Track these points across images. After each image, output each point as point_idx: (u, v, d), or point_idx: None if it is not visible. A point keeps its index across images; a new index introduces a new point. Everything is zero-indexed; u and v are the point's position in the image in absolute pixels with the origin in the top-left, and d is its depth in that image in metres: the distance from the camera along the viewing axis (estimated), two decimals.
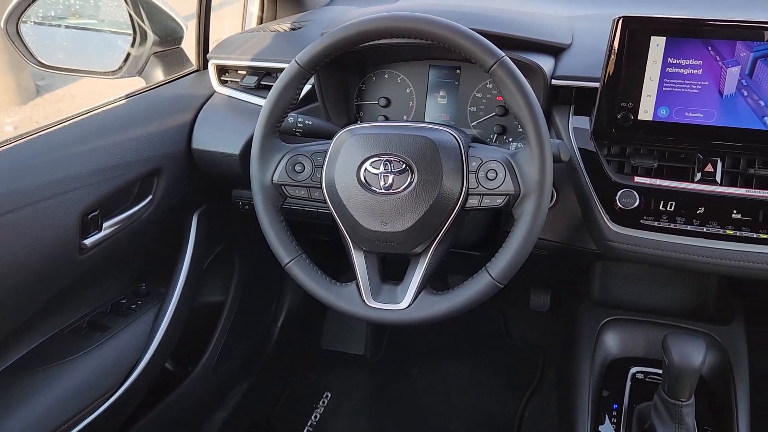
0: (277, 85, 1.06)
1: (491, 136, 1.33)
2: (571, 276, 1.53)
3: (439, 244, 1.03)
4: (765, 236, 1.05)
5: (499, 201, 0.99)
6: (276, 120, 1.08)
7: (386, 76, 1.40)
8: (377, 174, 1.00)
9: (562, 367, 1.49)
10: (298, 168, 1.07)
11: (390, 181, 1.00)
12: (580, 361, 1.29)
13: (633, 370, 1.28)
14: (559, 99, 1.21)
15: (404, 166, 0.99)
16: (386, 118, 1.40)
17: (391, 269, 1.11)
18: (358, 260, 1.07)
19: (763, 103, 1.04)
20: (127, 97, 1.37)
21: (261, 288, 1.89)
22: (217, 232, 1.62)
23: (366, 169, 1.01)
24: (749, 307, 1.37)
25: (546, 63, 1.19)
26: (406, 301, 1.03)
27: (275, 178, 1.08)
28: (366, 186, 1.01)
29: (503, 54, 0.96)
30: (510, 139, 1.31)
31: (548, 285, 1.98)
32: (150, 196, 1.33)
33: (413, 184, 0.99)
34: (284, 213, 1.12)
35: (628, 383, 1.25)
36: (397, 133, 1.02)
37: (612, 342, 1.33)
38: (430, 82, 1.37)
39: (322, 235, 1.70)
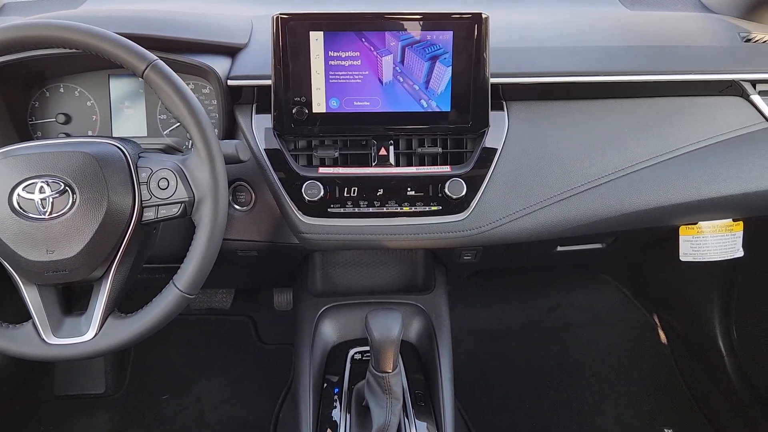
0: None
1: (187, 143, 1.28)
2: (291, 271, 1.54)
3: (121, 264, 0.97)
4: (436, 208, 1.16)
5: (175, 210, 0.96)
6: None
7: (62, 90, 1.28)
8: (32, 199, 0.90)
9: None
10: None
11: (49, 205, 0.91)
12: (302, 352, 1.31)
13: (351, 352, 1.33)
14: (241, 99, 1.20)
15: (63, 186, 0.91)
16: (68, 136, 1.28)
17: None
18: (31, 295, 0.97)
19: (417, 87, 1.14)
20: None
21: None
22: None
23: (19, 194, 0.91)
24: (450, 272, 1.50)
25: (220, 64, 1.17)
26: (92, 330, 0.96)
27: None
28: (21, 214, 0.91)
29: (155, 58, 0.93)
30: None
31: (287, 283, 1.99)
32: None
33: (76, 204, 0.91)
34: None
35: (348, 365, 1.30)
36: (51, 151, 0.93)
37: (330, 329, 1.37)
38: (112, 94, 1.28)
39: None
